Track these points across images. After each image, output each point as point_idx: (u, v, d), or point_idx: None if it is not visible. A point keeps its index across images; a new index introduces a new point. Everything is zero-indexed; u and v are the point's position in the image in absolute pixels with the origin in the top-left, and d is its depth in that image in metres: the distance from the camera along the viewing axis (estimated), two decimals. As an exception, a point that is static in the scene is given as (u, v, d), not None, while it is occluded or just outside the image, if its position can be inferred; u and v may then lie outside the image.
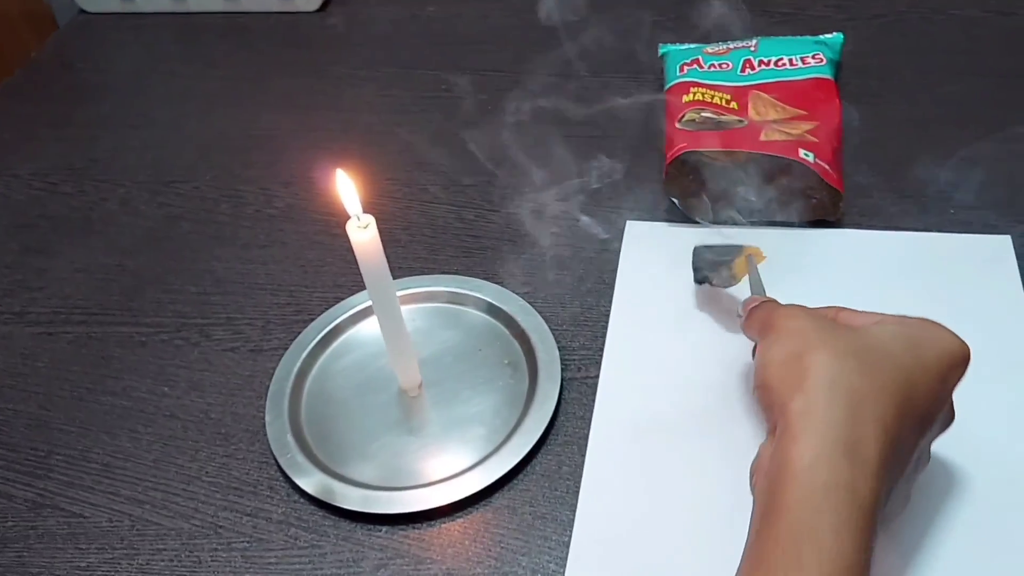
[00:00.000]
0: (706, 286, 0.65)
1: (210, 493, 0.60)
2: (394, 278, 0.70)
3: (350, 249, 0.54)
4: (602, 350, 0.64)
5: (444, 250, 0.74)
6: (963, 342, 0.46)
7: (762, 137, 0.69)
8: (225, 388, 0.67)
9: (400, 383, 0.63)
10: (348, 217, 0.53)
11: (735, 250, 0.65)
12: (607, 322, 0.66)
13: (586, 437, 0.59)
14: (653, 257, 0.70)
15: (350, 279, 0.72)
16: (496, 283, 0.69)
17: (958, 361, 0.46)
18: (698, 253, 0.67)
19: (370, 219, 0.53)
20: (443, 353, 0.66)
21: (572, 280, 0.70)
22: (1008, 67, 0.84)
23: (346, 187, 0.52)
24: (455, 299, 0.69)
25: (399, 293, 0.68)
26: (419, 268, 0.72)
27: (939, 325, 0.47)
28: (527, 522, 0.55)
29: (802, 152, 0.67)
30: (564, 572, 0.52)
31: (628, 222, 0.73)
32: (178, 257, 0.78)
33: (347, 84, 0.96)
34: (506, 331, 0.66)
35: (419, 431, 0.61)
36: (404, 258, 0.74)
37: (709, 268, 0.65)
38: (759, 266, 0.63)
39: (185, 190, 0.85)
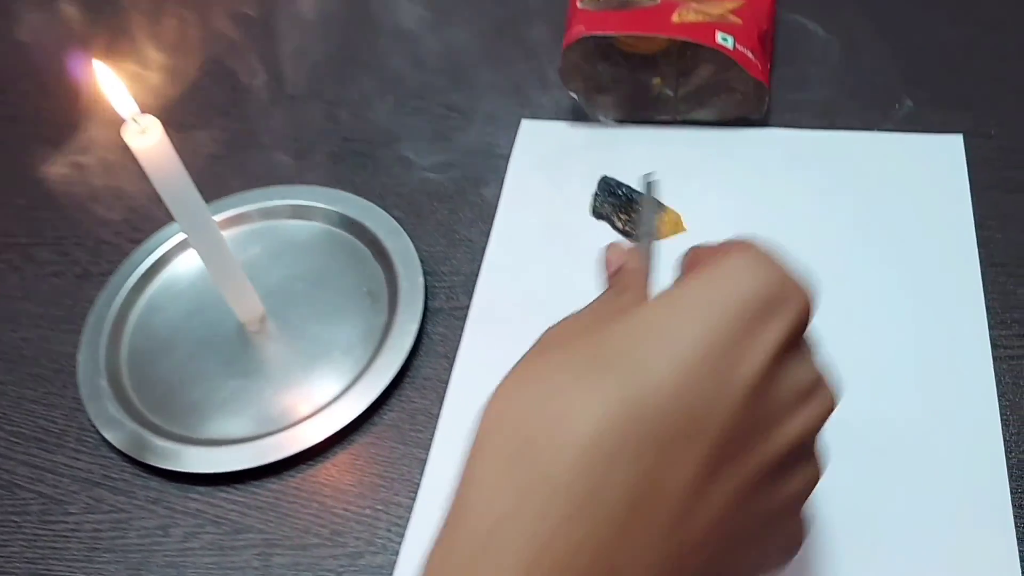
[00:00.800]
0: (604, 224, 0.56)
1: (10, 445, 0.51)
2: (246, 189, 0.60)
3: (214, 154, 0.44)
4: (477, 275, 0.55)
5: (310, 156, 0.63)
6: (776, 279, 0.29)
7: (674, 18, 0.58)
8: (44, 320, 0.57)
9: (238, 316, 0.54)
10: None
11: (652, 204, 0.55)
12: (488, 242, 0.56)
13: (448, 381, 0.50)
14: (548, 164, 0.60)
15: (205, 191, 0.62)
16: (364, 196, 0.59)
17: (752, 311, 0.28)
18: (605, 186, 0.57)
19: (151, 121, 0.42)
20: (294, 279, 0.56)
21: (452, 191, 0.60)
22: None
23: (110, 83, 0.41)
24: (313, 214, 0.59)
25: (246, 208, 0.59)
26: (279, 177, 0.62)
27: (745, 265, 0.29)
28: (368, 482, 0.47)
29: (719, 36, 0.56)
30: (402, 543, 0.44)
31: (523, 121, 0.63)
32: (7, 165, 0.67)
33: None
34: (369, 253, 0.56)
35: (256, 373, 0.52)
36: (263, 165, 0.63)
37: (613, 208, 0.56)
38: (675, 237, 0.54)
39: (23, 85, 0.73)
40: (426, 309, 0.53)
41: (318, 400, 0.50)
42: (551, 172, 0.59)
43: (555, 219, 0.57)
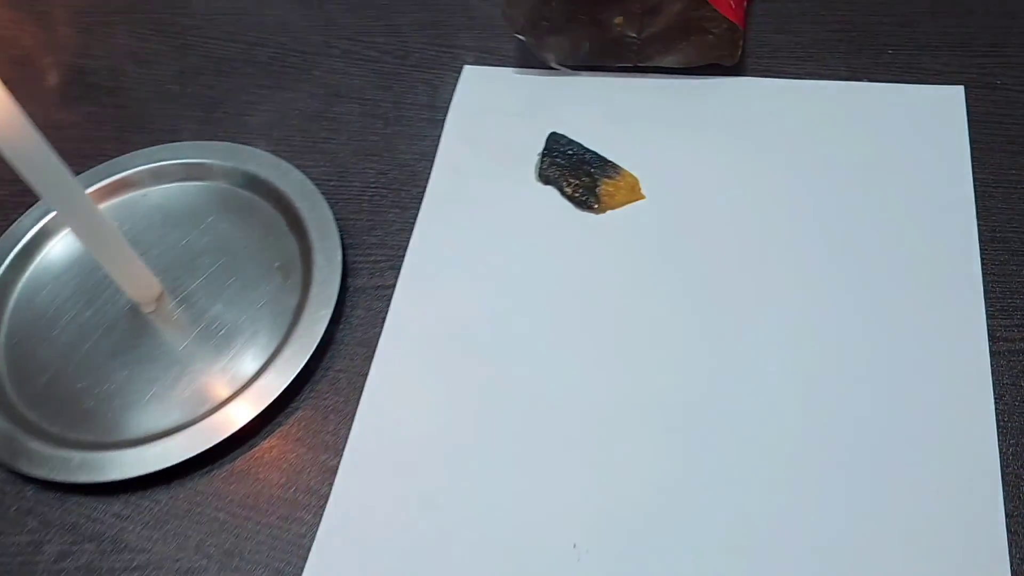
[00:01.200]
0: (552, 190, 0.49)
1: None
2: (152, 144, 0.53)
3: (115, 105, 0.37)
4: (406, 247, 0.48)
5: (225, 105, 0.56)
6: None
7: (635, -53, 0.50)
8: (-85, 297, 0.50)
9: (129, 296, 0.47)
10: None
11: (607, 166, 0.48)
12: (420, 209, 0.49)
13: (366, 375, 0.44)
14: (491, 117, 0.53)
15: (102, 146, 0.54)
16: (277, 153, 0.51)
17: None
18: (554, 144, 0.50)
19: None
20: (200, 251, 0.49)
21: (381, 148, 0.52)
22: None
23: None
24: (214, 175, 0.51)
25: (135, 170, 0.52)
26: (190, 130, 0.55)
27: None
28: (268, 495, 0.41)
29: (687, -31, 0.49)
30: (304, 567, 0.39)
31: (465, 67, 0.55)
32: None
33: None
34: (283, 220, 0.49)
35: (148, 362, 0.46)
36: (171, 116, 0.55)
37: (562, 171, 0.49)
38: (632, 207, 0.47)
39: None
40: (345, 288, 0.47)
41: (217, 395, 0.43)
42: (494, 127, 0.52)
43: (498, 183, 0.50)
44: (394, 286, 0.46)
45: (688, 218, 0.47)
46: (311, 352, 0.44)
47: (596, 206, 0.48)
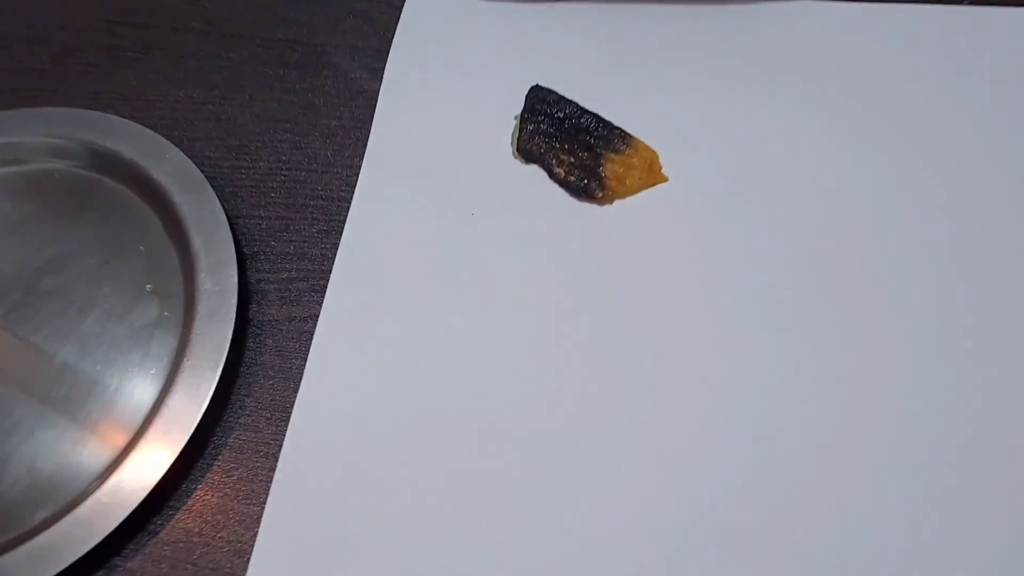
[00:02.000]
0: (537, 170, 0.35)
1: None
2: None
3: None
4: (332, 258, 0.34)
5: (84, 52, 0.41)
6: None
7: None
8: None
9: (-62, 338, 0.33)
10: None
11: (612, 135, 0.34)
12: (352, 201, 0.35)
13: (276, 455, 0.30)
14: (448, 62, 0.38)
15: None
16: (146, 122, 0.37)
17: None
18: (537, 104, 0.35)
19: None
20: (41, 268, 0.35)
21: (296, 110, 0.38)
22: None
23: None
24: (70, 156, 0.37)
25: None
26: (34, 91, 0.40)
27: None
28: (136, 645, 0.28)
29: None
30: None
31: (411, -8, 0.40)
32: None
33: None
34: (158, 222, 0.35)
35: (-33, 437, 0.32)
36: (14, 71, 0.40)
37: (552, 144, 0.34)
38: (651, 192, 0.34)
39: None
40: (246, 320, 0.33)
41: (62, 494, 0.30)
42: (453, 77, 0.38)
43: (459, 161, 0.35)
44: (316, 317, 0.33)
45: (730, 209, 0.33)
46: (194, 426, 0.30)
47: (600, 194, 0.34)
